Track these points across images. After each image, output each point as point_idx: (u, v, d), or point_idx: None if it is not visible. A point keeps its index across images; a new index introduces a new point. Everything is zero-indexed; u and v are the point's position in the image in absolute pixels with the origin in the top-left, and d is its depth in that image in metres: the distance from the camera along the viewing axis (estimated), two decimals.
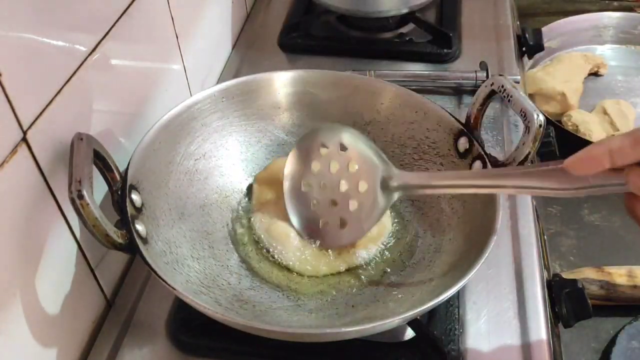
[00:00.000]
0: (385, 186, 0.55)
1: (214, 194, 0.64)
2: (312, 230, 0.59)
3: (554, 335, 0.60)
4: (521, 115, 0.54)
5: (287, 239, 0.59)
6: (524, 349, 0.56)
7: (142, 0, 0.62)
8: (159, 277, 0.47)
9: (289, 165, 0.59)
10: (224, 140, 0.65)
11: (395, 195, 0.55)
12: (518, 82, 0.83)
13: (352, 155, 0.56)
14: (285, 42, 0.95)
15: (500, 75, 0.57)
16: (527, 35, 1.00)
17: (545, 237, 0.74)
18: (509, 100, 0.55)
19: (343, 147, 0.57)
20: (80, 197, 0.45)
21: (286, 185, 0.59)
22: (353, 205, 0.56)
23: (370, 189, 0.55)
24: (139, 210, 0.53)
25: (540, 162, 0.53)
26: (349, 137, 0.57)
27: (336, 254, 0.59)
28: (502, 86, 0.56)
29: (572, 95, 1.24)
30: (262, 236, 0.60)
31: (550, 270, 0.71)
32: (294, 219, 0.59)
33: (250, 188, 0.66)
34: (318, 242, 0.59)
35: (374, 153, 0.56)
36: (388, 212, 0.62)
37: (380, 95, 0.66)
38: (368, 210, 0.56)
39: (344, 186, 0.57)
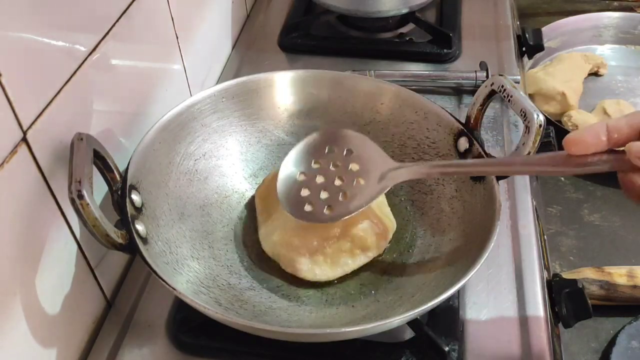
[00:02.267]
0: (382, 179, 0.55)
1: (214, 194, 0.64)
2: (299, 212, 0.57)
3: (554, 335, 0.60)
4: (521, 115, 0.54)
5: (295, 251, 0.58)
6: (524, 349, 0.56)
7: (142, 0, 0.62)
8: (159, 277, 0.47)
9: (290, 157, 0.59)
10: (224, 140, 0.65)
11: (390, 184, 0.56)
12: (518, 82, 0.83)
13: (355, 158, 0.57)
14: (285, 42, 0.95)
15: (500, 75, 0.57)
16: (527, 35, 1.00)
17: (545, 237, 0.74)
18: (509, 100, 0.55)
19: (349, 152, 0.57)
20: (80, 197, 0.45)
21: (282, 172, 0.58)
22: (343, 196, 0.56)
23: (365, 185, 0.56)
24: (139, 210, 0.53)
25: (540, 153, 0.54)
26: (357, 142, 0.58)
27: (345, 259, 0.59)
28: (502, 86, 0.56)
29: (572, 95, 1.24)
30: (272, 251, 0.60)
31: (550, 270, 0.71)
32: (284, 200, 0.57)
33: (251, 201, 0.65)
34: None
35: (379, 155, 0.57)
36: (391, 215, 0.62)
37: (380, 95, 0.66)
38: (358, 196, 0.56)
39: (338, 182, 0.57)
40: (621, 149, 0.42)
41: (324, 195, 0.57)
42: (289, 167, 0.58)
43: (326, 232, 0.58)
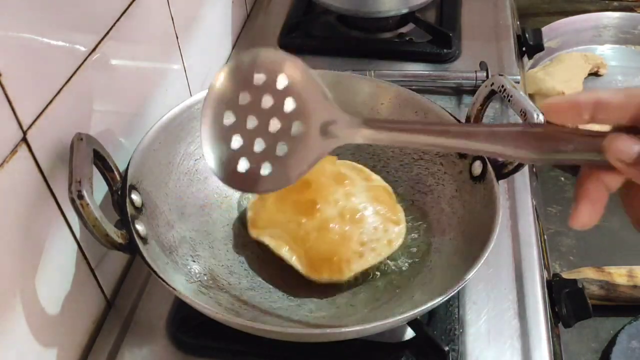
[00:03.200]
0: (325, 132, 0.45)
1: (213, 194, 0.64)
2: (229, 173, 0.47)
3: (554, 335, 0.60)
4: (521, 115, 0.54)
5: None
6: (524, 349, 0.56)
7: (142, 0, 0.62)
8: (159, 277, 0.47)
9: (213, 88, 0.46)
10: None
11: (336, 143, 0.45)
12: (518, 82, 0.83)
13: (292, 92, 0.46)
14: (285, 42, 0.95)
15: (500, 75, 0.57)
16: (527, 35, 1.00)
17: (545, 237, 0.74)
18: (509, 100, 0.55)
19: (283, 80, 0.46)
20: (80, 197, 0.45)
21: (205, 113, 0.47)
22: (282, 149, 0.46)
23: (306, 132, 0.45)
24: (139, 210, 0.53)
25: (510, 122, 0.49)
26: (293, 69, 0.46)
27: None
28: (502, 86, 0.56)
29: None
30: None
31: (550, 270, 0.71)
32: (210, 157, 0.47)
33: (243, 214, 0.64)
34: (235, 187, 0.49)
35: (320, 92, 0.46)
36: (404, 227, 0.61)
37: (380, 95, 0.66)
38: (299, 157, 0.46)
39: (274, 126, 0.46)
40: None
41: (258, 146, 0.46)
42: (214, 102, 0.46)
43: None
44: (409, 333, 0.56)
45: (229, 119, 0.46)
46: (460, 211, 0.59)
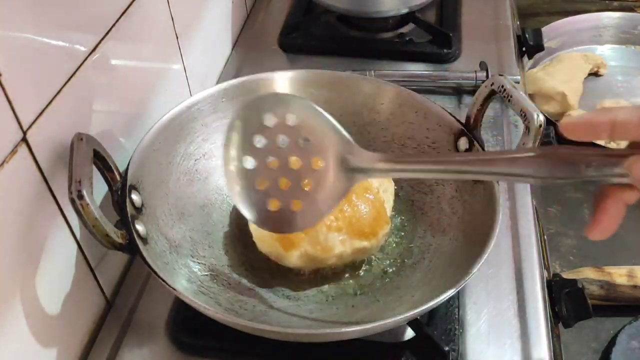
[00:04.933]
0: (346, 166, 0.46)
1: (214, 194, 0.64)
2: (263, 215, 0.48)
3: (554, 335, 0.60)
4: (521, 115, 0.54)
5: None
6: (524, 349, 0.56)
7: (142, 0, 0.62)
8: (159, 277, 0.47)
9: (227, 140, 0.47)
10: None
11: (360, 178, 0.47)
12: (518, 82, 0.83)
13: (303, 128, 0.47)
14: (285, 42, 0.95)
15: (500, 75, 0.57)
16: (527, 35, 1.00)
17: (545, 237, 0.74)
18: (509, 100, 0.55)
19: (292, 120, 0.47)
20: (80, 197, 0.45)
21: (226, 163, 0.48)
22: (307, 184, 0.47)
23: (327, 167, 0.46)
24: (139, 210, 0.53)
25: (528, 147, 0.48)
26: (300, 108, 0.47)
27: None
28: (502, 86, 0.56)
29: (572, 95, 1.24)
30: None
31: (550, 270, 0.71)
32: (240, 204, 0.48)
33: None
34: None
35: (331, 128, 0.47)
36: (391, 203, 0.61)
37: (380, 95, 0.66)
38: (326, 191, 0.46)
39: (295, 164, 0.47)
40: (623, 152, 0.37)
41: (284, 183, 0.47)
42: (232, 151, 0.47)
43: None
44: (409, 333, 0.56)
45: (249, 163, 0.47)
46: (460, 211, 0.59)
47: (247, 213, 0.48)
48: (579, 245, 1.00)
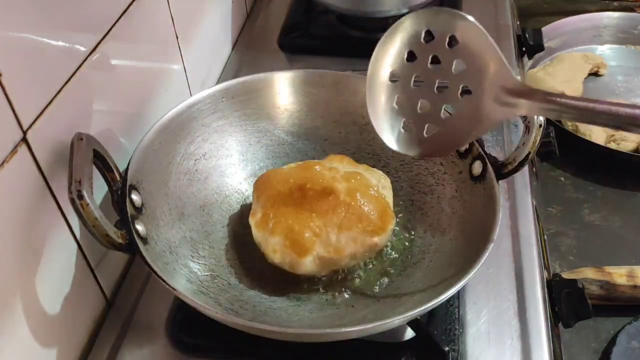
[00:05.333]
0: (500, 100, 0.43)
1: (213, 194, 0.64)
2: (393, 134, 0.48)
3: (554, 335, 0.60)
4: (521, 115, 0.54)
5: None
6: (524, 349, 0.56)
7: (142, 0, 0.62)
8: (159, 277, 0.47)
9: (378, 49, 0.48)
10: (224, 140, 0.65)
11: (514, 111, 0.43)
12: None
13: (462, 53, 0.44)
14: (285, 42, 0.95)
15: None
16: (527, 35, 1.00)
17: (545, 237, 0.74)
18: None
19: (453, 41, 0.45)
20: (80, 197, 0.45)
21: (370, 71, 0.48)
22: (446, 113, 0.46)
23: (475, 96, 0.44)
24: (139, 210, 0.53)
25: None
26: (465, 29, 0.45)
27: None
28: None
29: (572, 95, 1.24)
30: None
31: (550, 270, 0.71)
32: (373, 116, 0.48)
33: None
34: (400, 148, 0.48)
35: (493, 56, 0.44)
36: (390, 199, 0.60)
37: None
38: (467, 121, 0.44)
39: (440, 89, 0.45)
40: None
41: (423, 105, 0.45)
42: (378, 63, 0.47)
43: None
44: (409, 333, 0.56)
45: (393, 77, 0.46)
46: (460, 211, 0.59)
47: (376, 127, 0.47)
48: (579, 245, 0.99)
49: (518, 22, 1.07)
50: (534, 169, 0.81)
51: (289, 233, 0.54)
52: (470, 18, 0.45)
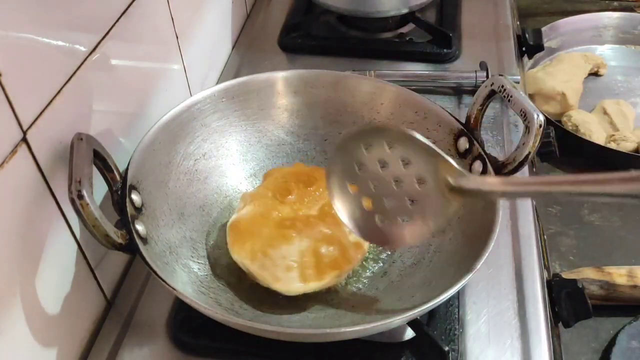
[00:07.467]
0: (452, 189, 0.47)
1: (213, 194, 0.64)
2: (370, 231, 0.51)
3: (554, 335, 0.60)
4: (521, 115, 0.54)
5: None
6: (524, 349, 0.56)
7: (142, 0, 0.62)
8: (159, 277, 0.47)
9: (330, 169, 0.52)
10: (223, 140, 0.65)
11: (467, 195, 0.47)
12: (518, 82, 0.83)
13: (403, 153, 0.49)
14: (285, 42, 0.95)
15: (500, 75, 0.57)
16: (527, 35, 1.00)
17: (545, 237, 0.74)
18: (509, 100, 0.55)
19: (390, 146, 0.49)
20: (80, 197, 0.45)
21: (331, 188, 0.52)
22: (412, 201, 0.49)
23: (431, 185, 0.47)
24: (139, 210, 0.53)
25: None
26: (396, 136, 0.49)
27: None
28: (502, 86, 0.56)
29: (572, 95, 1.24)
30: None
31: (550, 270, 0.71)
32: (349, 224, 0.52)
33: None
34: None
35: (430, 152, 0.47)
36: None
37: (380, 95, 0.66)
38: (433, 207, 0.48)
39: (398, 184, 0.49)
40: None
41: (388, 203, 0.50)
42: (336, 178, 0.51)
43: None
44: (409, 333, 0.56)
45: (352, 188, 0.51)
46: (460, 211, 0.59)
47: (356, 232, 0.52)
48: (579, 245, 1.00)
49: (518, 22, 1.07)
50: (534, 169, 0.81)
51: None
52: (394, 128, 0.51)
